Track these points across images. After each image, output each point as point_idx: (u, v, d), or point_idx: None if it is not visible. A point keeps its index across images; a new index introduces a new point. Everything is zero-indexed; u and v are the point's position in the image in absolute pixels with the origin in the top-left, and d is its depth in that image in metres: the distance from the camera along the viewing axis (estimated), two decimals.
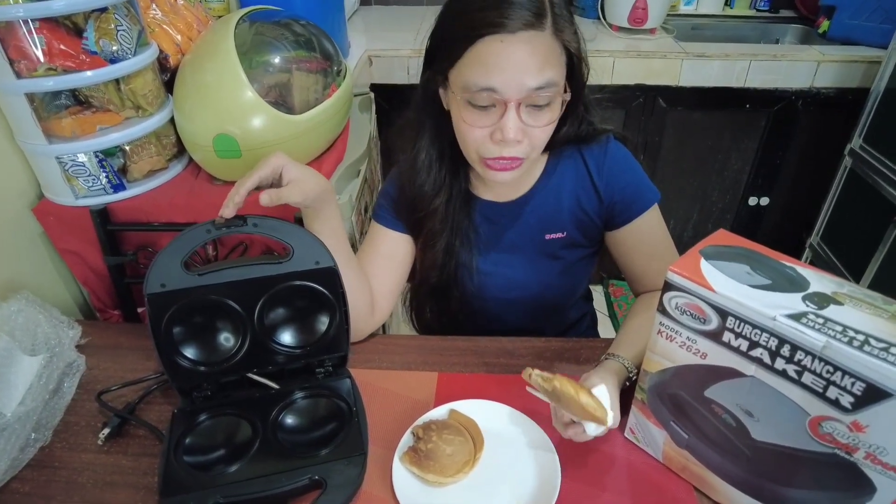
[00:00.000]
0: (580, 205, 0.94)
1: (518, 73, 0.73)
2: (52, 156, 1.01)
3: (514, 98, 0.75)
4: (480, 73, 0.74)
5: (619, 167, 0.93)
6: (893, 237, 1.66)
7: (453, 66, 0.78)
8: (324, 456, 0.74)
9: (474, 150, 0.81)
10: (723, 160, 2.14)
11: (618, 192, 0.93)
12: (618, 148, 0.94)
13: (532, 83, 0.74)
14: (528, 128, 0.78)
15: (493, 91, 0.75)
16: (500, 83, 0.74)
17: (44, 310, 0.92)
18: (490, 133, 0.78)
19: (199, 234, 0.76)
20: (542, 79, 0.74)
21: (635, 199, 0.92)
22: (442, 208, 0.92)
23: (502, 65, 0.73)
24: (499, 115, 0.77)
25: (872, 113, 1.79)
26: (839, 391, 0.53)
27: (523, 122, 0.77)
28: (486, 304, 1.02)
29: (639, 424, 0.76)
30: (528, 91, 0.75)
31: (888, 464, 0.52)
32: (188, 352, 0.80)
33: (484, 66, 0.74)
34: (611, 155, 0.93)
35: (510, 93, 0.74)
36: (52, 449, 0.79)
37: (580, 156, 0.94)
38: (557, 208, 0.95)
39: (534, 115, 0.78)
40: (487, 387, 0.86)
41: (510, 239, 0.97)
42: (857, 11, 1.96)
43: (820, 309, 0.56)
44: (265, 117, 1.05)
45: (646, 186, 0.94)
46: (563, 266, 0.99)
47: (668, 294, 0.63)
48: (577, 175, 0.94)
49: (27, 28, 0.90)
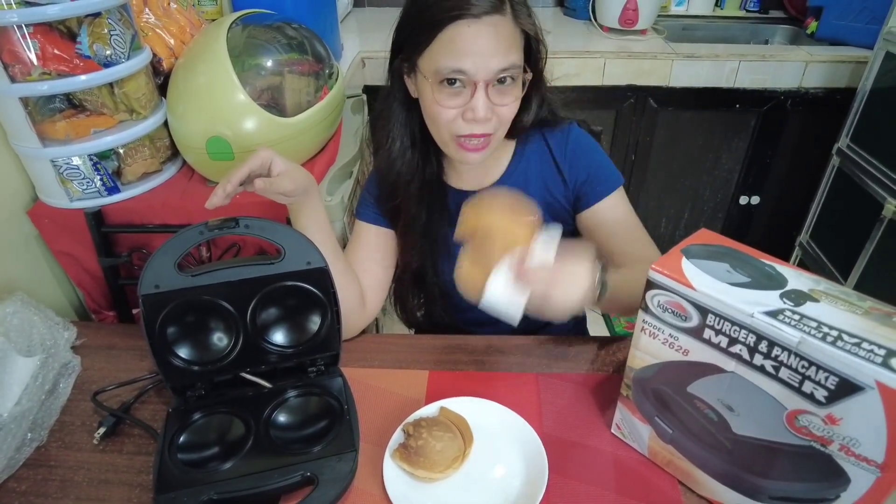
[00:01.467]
0: (548, 189, 0.98)
1: (486, 56, 0.79)
2: (46, 159, 1.02)
3: (482, 79, 0.80)
4: (451, 56, 0.79)
5: (581, 150, 0.97)
6: (880, 235, 1.68)
7: (423, 52, 0.82)
8: (316, 453, 0.75)
9: (447, 130, 0.85)
10: (713, 160, 2.16)
11: (581, 173, 0.96)
12: (580, 133, 0.98)
13: (498, 65, 0.79)
14: (496, 106, 0.83)
15: (463, 73, 0.79)
16: (470, 65, 0.79)
17: (39, 311, 0.93)
18: (461, 112, 0.83)
19: (192, 235, 0.77)
20: (506, 60, 0.80)
21: (599, 181, 0.96)
22: (416, 192, 0.95)
23: (471, 48, 0.78)
24: (469, 95, 0.81)
25: (859, 112, 1.81)
26: (814, 385, 0.55)
27: (491, 101, 0.82)
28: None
29: (624, 420, 0.77)
30: (494, 72, 0.80)
31: (861, 455, 0.54)
32: (182, 352, 0.81)
33: (454, 50, 0.79)
34: (573, 139, 0.97)
35: (479, 74, 0.79)
36: (48, 448, 0.80)
37: (544, 141, 0.98)
38: (526, 194, 0.96)
39: (500, 94, 0.83)
40: (478, 384, 0.87)
41: None
42: (843, 12, 1.98)
43: (796, 306, 0.57)
44: (257, 120, 1.06)
45: (609, 169, 0.97)
46: None
47: (651, 292, 0.65)
48: (542, 160, 0.98)
49: (21, 33, 0.91)
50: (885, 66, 1.71)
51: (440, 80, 0.81)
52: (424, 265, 1.01)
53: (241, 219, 0.78)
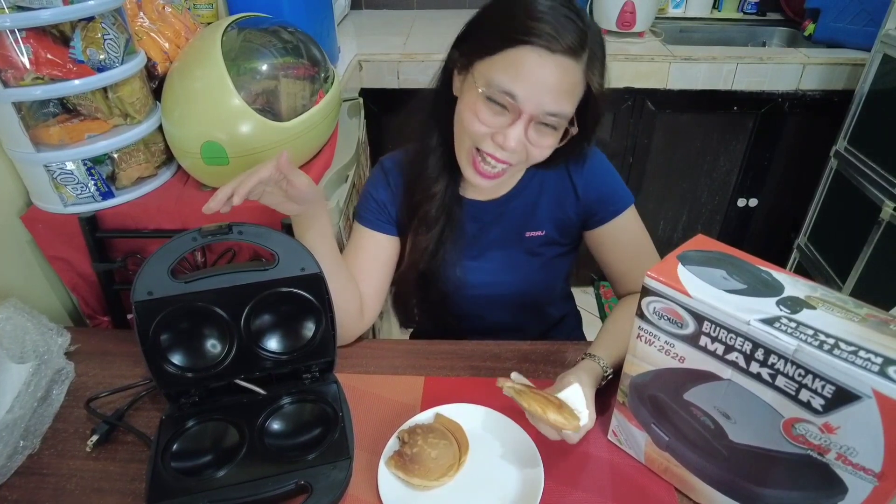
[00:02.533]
0: (559, 204, 0.97)
1: (542, 91, 0.76)
2: (40, 164, 1.01)
3: (528, 111, 0.77)
4: (508, 77, 0.76)
5: (596, 169, 0.96)
6: (878, 237, 1.68)
7: (484, 58, 0.79)
8: (310, 460, 0.75)
9: (471, 140, 0.83)
10: (711, 162, 2.16)
11: (594, 192, 0.95)
12: (595, 152, 0.97)
13: (550, 107, 0.77)
14: (529, 145, 0.81)
15: (512, 97, 0.77)
16: (522, 93, 0.76)
17: (32, 317, 0.92)
18: (493, 134, 0.80)
19: (185, 241, 0.77)
20: (559, 106, 0.78)
21: (612, 201, 0.96)
22: (440, 194, 0.94)
23: (532, 77, 0.75)
24: (508, 122, 0.79)
25: (857, 115, 1.81)
26: (811, 394, 0.54)
27: (527, 137, 0.80)
28: (468, 298, 1.03)
29: (621, 427, 0.77)
30: (543, 111, 0.77)
31: (858, 464, 0.54)
32: (176, 358, 0.80)
33: (515, 72, 0.76)
34: (591, 159, 0.96)
35: (527, 105, 0.77)
36: (40, 456, 0.80)
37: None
38: (537, 207, 0.97)
39: (539, 134, 0.81)
40: (474, 390, 0.87)
41: (493, 236, 1.00)
42: (841, 14, 1.98)
43: (793, 313, 0.57)
44: (252, 124, 1.06)
45: (622, 189, 0.97)
46: (542, 262, 1.01)
47: (647, 299, 0.64)
48: (558, 175, 0.97)
49: (14, 37, 0.91)
50: (882, 68, 1.71)
51: (488, 95, 0.78)
52: (431, 268, 1.00)
53: (234, 225, 0.78)
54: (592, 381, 0.79)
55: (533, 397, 0.71)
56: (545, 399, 0.71)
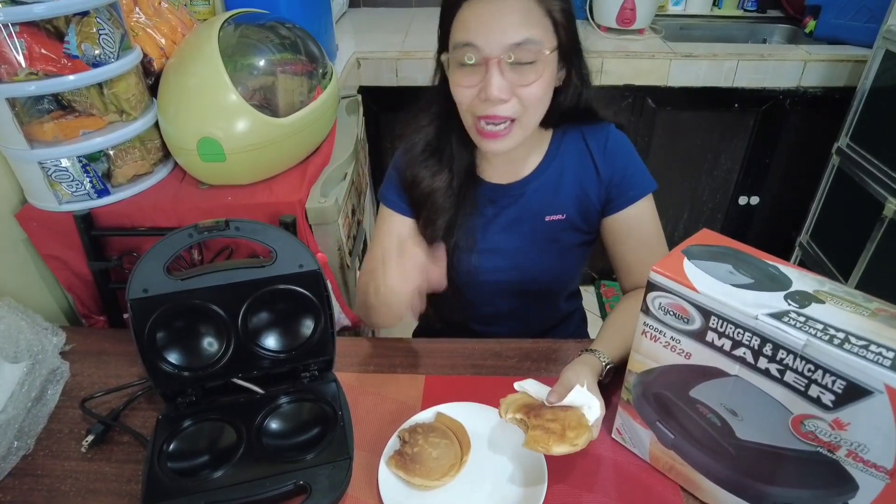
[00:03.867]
0: (581, 185, 0.96)
1: (496, 30, 0.77)
2: (34, 161, 1.00)
3: (494, 54, 0.78)
4: (463, 33, 0.80)
5: (620, 149, 0.95)
6: (881, 234, 1.67)
7: (448, 38, 0.83)
8: (309, 460, 0.73)
9: (468, 110, 0.84)
10: (712, 160, 2.15)
11: (618, 172, 0.94)
12: (619, 134, 0.97)
13: (510, 39, 0.77)
14: (516, 87, 0.80)
15: (474, 47, 0.78)
16: (479, 39, 0.78)
17: (26, 316, 0.91)
18: (478, 93, 0.81)
19: (180, 238, 0.76)
20: (520, 35, 0.78)
21: (633, 184, 0.94)
22: (443, 187, 0.94)
23: (481, 22, 0.78)
24: (484, 74, 0.80)
25: (858, 112, 1.80)
26: (820, 389, 0.53)
27: (507, 80, 0.79)
28: (480, 284, 1.01)
29: (625, 425, 0.76)
30: (507, 47, 0.78)
31: (869, 461, 0.52)
32: (172, 357, 0.79)
33: (465, 26, 0.79)
34: (613, 138, 0.95)
35: (490, 48, 0.78)
36: (34, 457, 0.78)
37: (581, 136, 0.96)
38: (559, 189, 0.96)
39: (519, 73, 0.80)
40: (475, 389, 0.85)
41: (510, 219, 0.98)
42: (842, 11, 1.97)
43: (801, 307, 0.56)
44: (249, 120, 1.05)
45: (644, 173, 0.96)
46: (560, 249, 0.99)
47: (652, 294, 0.63)
48: (579, 155, 0.96)
49: (7, 32, 0.90)
50: (884, 64, 1.70)
51: (458, 62, 0.81)
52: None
53: (231, 221, 0.77)
54: (591, 373, 0.78)
55: (532, 436, 0.69)
56: (544, 432, 0.69)
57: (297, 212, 1.08)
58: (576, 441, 0.68)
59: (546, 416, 0.71)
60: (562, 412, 0.71)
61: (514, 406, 0.74)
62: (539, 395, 0.75)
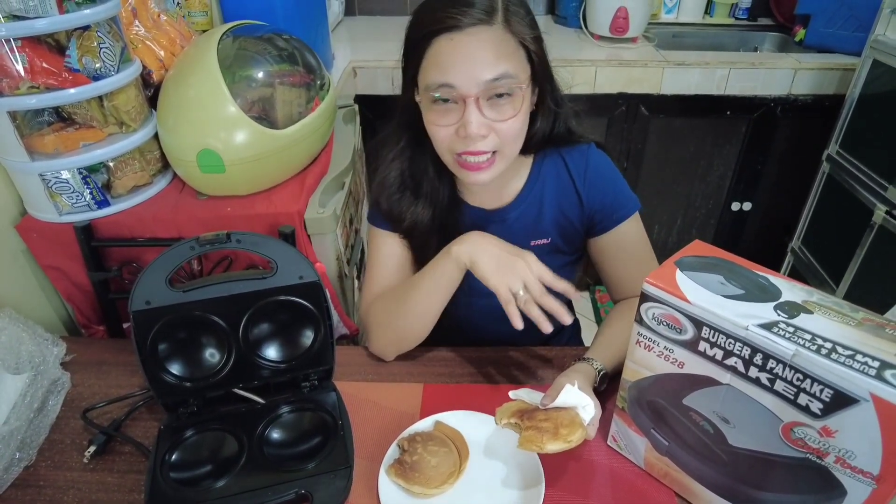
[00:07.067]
0: (562, 210, 0.96)
1: (471, 67, 0.76)
2: (34, 173, 1.01)
3: (471, 92, 0.77)
4: (436, 72, 0.78)
5: (601, 174, 0.95)
6: (871, 240, 1.70)
7: (418, 71, 0.81)
8: (310, 469, 0.74)
9: (446, 148, 0.84)
10: (705, 166, 2.17)
11: (598, 198, 0.94)
12: (600, 155, 0.96)
13: (485, 76, 0.76)
14: (493, 122, 0.80)
15: (450, 87, 0.77)
16: (454, 79, 0.77)
17: (27, 327, 0.91)
18: (457, 131, 0.81)
19: (183, 251, 0.77)
20: (495, 71, 0.77)
21: (617, 207, 0.94)
22: (426, 220, 0.93)
23: (455, 60, 0.76)
24: (461, 112, 0.79)
25: (848, 119, 1.83)
26: (809, 398, 0.54)
27: (485, 116, 0.79)
28: (471, 308, 1.02)
29: (620, 432, 0.77)
30: (483, 84, 0.77)
31: (857, 467, 0.54)
32: (174, 368, 0.80)
33: (439, 65, 0.78)
34: (593, 161, 0.94)
35: (466, 87, 0.77)
36: (36, 468, 0.79)
37: (562, 160, 0.95)
38: (541, 215, 0.96)
39: (496, 109, 0.79)
40: (473, 397, 0.87)
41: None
42: (831, 20, 2.00)
43: (791, 318, 0.57)
44: (248, 132, 1.06)
45: (627, 195, 0.95)
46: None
47: (645, 305, 0.65)
48: (559, 180, 0.95)
49: (9, 46, 0.90)
50: (872, 73, 1.73)
51: (432, 99, 0.79)
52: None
53: (232, 233, 0.78)
54: (584, 379, 0.79)
55: (525, 436, 0.70)
56: (536, 431, 0.70)
57: (295, 222, 1.09)
58: (569, 438, 0.69)
59: (539, 417, 0.72)
60: (555, 412, 0.73)
61: (508, 412, 0.75)
62: (534, 402, 0.77)
